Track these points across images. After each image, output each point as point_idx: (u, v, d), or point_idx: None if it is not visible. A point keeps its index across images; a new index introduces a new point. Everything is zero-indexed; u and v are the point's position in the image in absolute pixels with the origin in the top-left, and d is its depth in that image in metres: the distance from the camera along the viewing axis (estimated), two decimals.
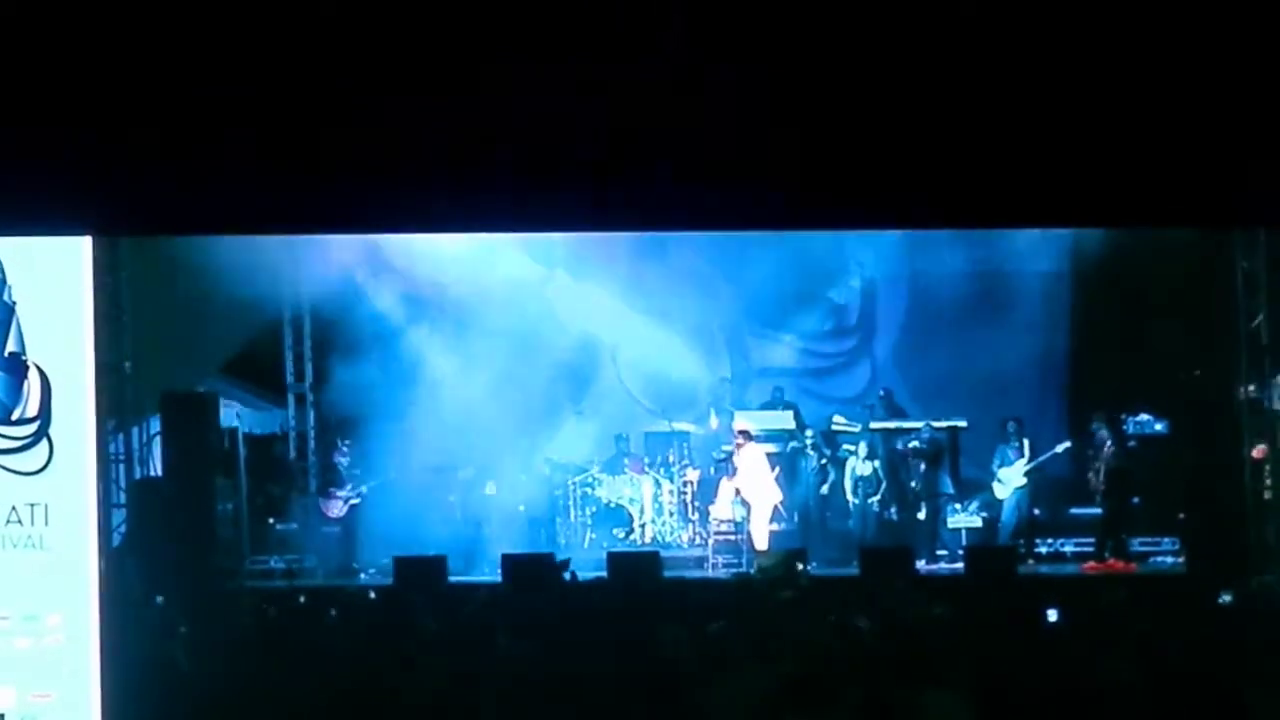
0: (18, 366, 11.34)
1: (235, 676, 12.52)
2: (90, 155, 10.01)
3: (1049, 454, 22.39)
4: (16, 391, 11.30)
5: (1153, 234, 20.84)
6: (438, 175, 10.42)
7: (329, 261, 22.82)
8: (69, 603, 10.57)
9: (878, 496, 22.86)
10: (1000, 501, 22.61)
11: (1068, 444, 22.54)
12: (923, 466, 23.09)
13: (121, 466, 21.45)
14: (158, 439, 21.59)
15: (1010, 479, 22.45)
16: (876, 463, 22.89)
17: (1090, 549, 22.13)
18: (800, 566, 19.69)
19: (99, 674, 10.57)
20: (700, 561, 22.78)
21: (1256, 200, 11.29)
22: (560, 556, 20.55)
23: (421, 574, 19.21)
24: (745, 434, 22.90)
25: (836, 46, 10.71)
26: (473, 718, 11.88)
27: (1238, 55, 10.59)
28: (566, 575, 18.47)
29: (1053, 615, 14.33)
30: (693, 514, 23.65)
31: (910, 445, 23.36)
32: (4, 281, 11.49)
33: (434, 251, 23.05)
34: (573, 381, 24.88)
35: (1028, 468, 22.36)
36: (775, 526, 22.85)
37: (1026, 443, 22.47)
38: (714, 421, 24.39)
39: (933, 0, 10.76)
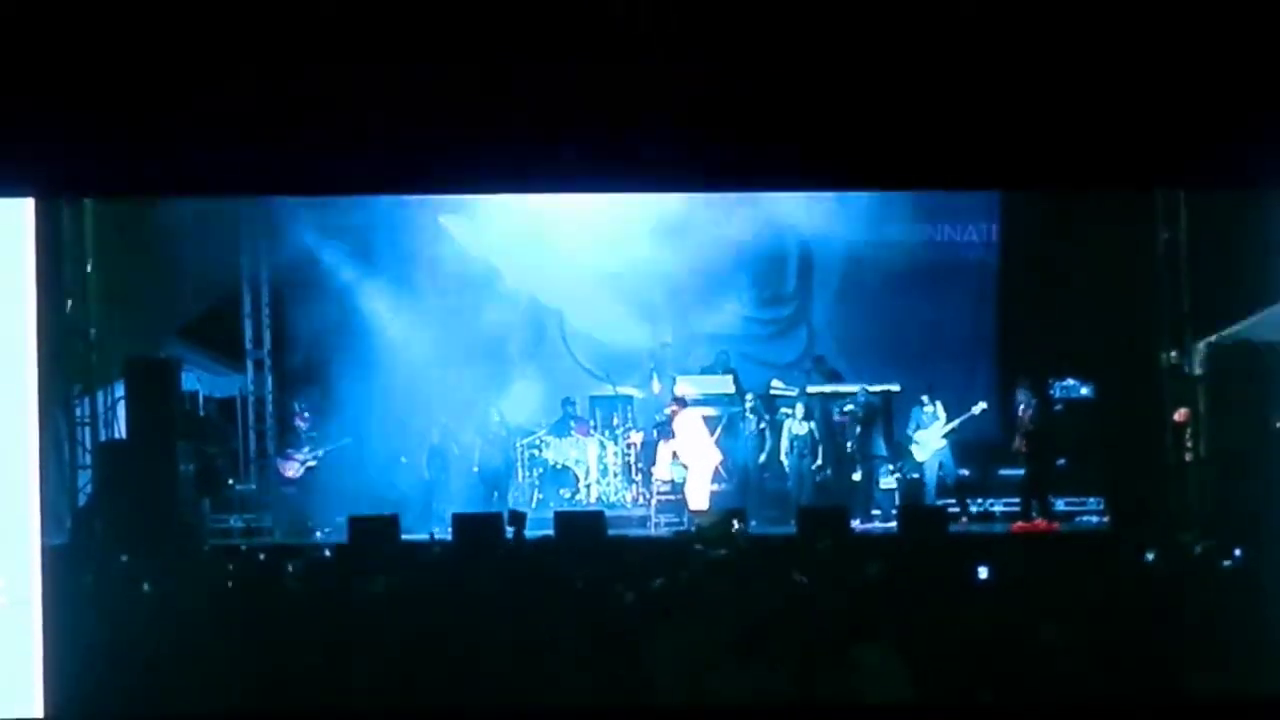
0: None
1: (191, 632, 12.23)
2: (33, 117, 9.54)
3: (966, 415, 22.12)
4: None
5: (1078, 204, 20.99)
6: (375, 137, 10.01)
7: (285, 229, 22.67)
8: (11, 564, 10.06)
9: (814, 458, 22.62)
10: (922, 464, 22.40)
11: (984, 405, 22.21)
12: (857, 429, 22.80)
13: (87, 429, 21.38)
14: (122, 403, 21.27)
15: (928, 441, 22.25)
16: (812, 425, 22.65)
17: (1019, 509, 21.90)
18: (738, 525, 19.59)
19: (41, 635, 10.09)
20: (643, 521, 22.63)
21: (1186, 164, 10.97)
22: (509, 517, 20.49)
23: (374, 533, 18.89)
24: (680, 400, 22.67)
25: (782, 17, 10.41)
26: (422, 669, 11.68)
27: (1163, 20, 10.29)
28: (511, 533, 18.04)
29: (983, 573, 14.18)
30: (636, 475, 23.43)
31: (845, 409, 23.11)
32: None
33: (388, 219, 22.78)
34: (520, 347, 24.81)
35: (945, 430, 22.15)
36: (715, 487, 22.67)
37: (940, 405, 22.29)
38: (656, 386, 24.13)
39: None
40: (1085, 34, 10.21)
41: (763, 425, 23.01)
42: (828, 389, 23.60)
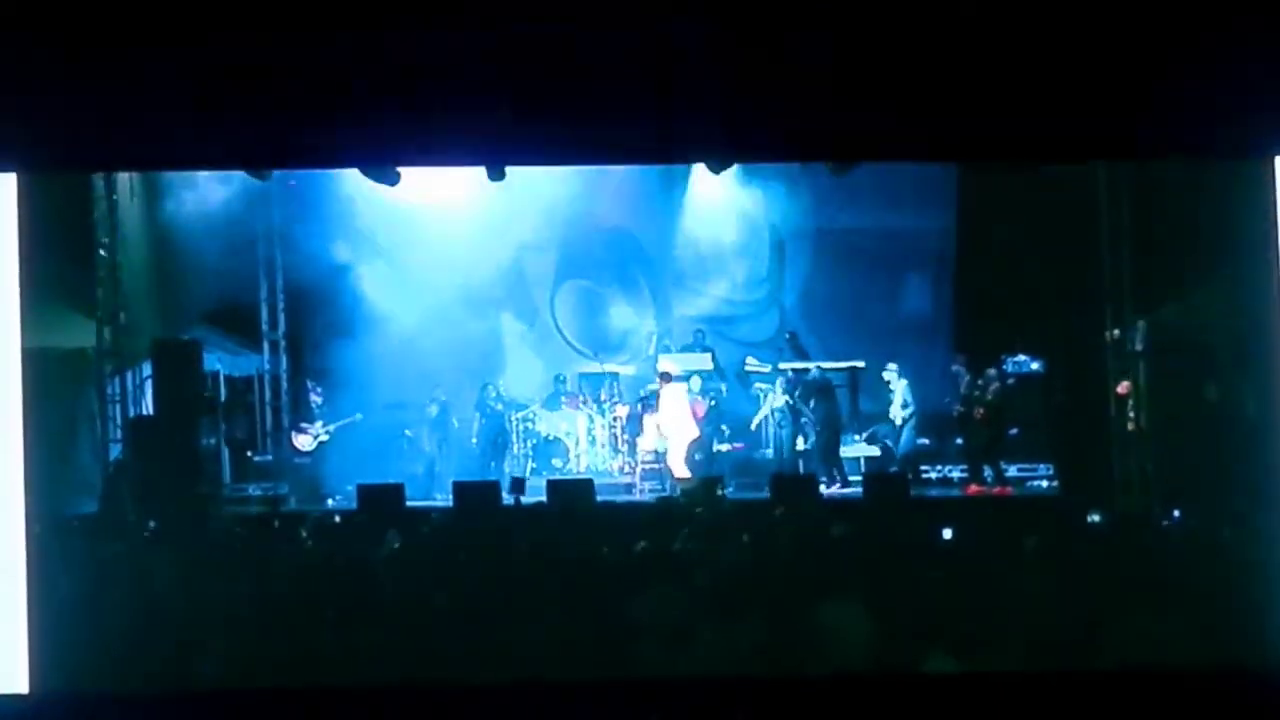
0: None
1: (205, 593, 11.66)
2: (15, 91, 8.79)
3: (901, 391, 21.86)
4: None
5: (1027, 194, 20.58)
6: (356, 108, 9.25)
7: (297, 217, 22.59)
8: None
9: (785, 429, 22.21)
10: (895, 432, 22.11)
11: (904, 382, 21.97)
12: (824, 403, 22.19)
13: (118, 406, 21.18)
14: (149, 382, 20.97)
15: (895, 415, 22.00)
16: (784, 399, 22.21)
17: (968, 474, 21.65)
18: (717, 492, 19.17)
19: (26, 600, 9.32)
20: (629, 488, 22.22)
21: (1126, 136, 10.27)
22: (505, 485, 20.07)
23: (381, 500, 18.40)
24: (665, 375, 22.26)
25: None
26: (424, 625, 11.10)
27: None
28: (510, 497, 18.43)
29: (947, 534, 13.81)
30: (622, 446, 23.02)
31: (813, 383, 22.51)
32: None
33: (393, 207, 22.38)
34: (515, 328, 24.46)
35: (903, 401, 21.84)
36: (695, 456, 22.09)
37: (904, 381, 21.98)
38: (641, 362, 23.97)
39: None
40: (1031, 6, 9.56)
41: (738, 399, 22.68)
42: (798, 365, 23.19)
